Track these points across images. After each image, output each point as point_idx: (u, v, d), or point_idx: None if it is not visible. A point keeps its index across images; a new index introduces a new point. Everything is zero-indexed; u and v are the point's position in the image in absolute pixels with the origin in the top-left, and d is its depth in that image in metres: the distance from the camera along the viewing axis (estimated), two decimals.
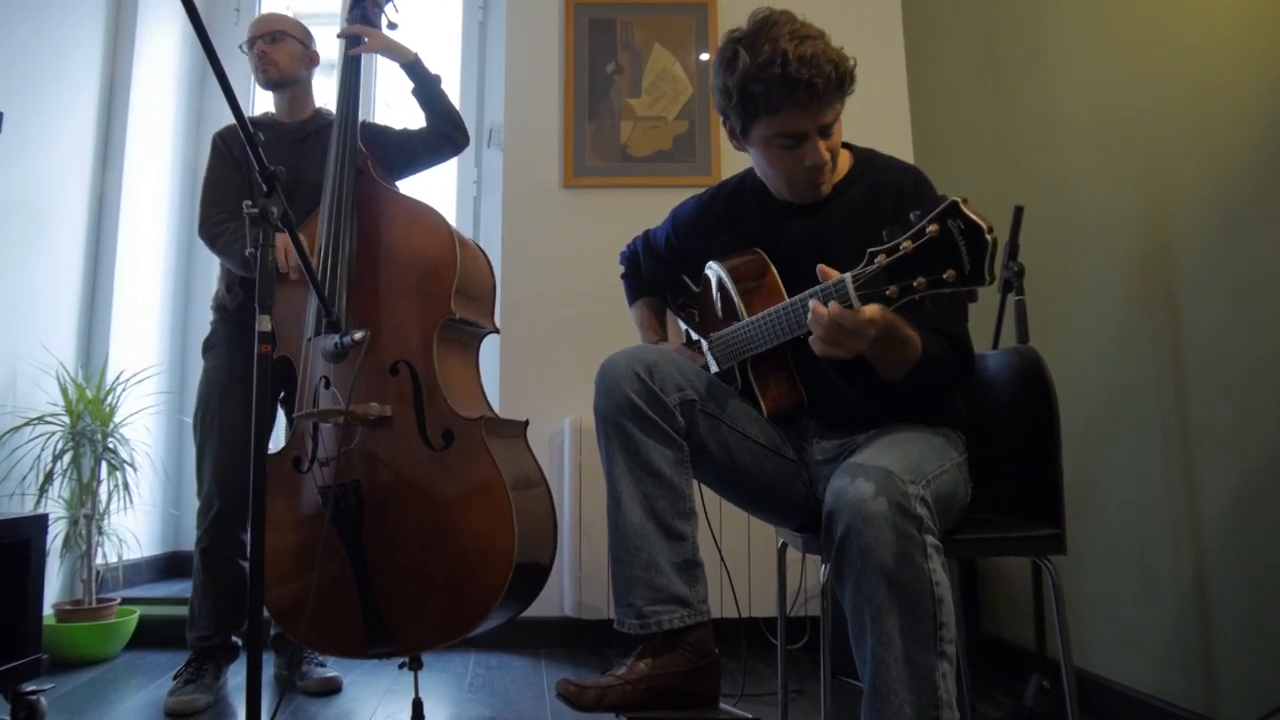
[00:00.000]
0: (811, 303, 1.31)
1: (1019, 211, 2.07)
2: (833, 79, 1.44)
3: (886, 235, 1.25)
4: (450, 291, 2.04)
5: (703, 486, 1.65)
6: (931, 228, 1.19)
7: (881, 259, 1.25)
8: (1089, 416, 2.09)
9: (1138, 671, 1.95)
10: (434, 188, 3.22)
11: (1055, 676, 2.00)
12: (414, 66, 2.32)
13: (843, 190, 1.60)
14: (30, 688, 1.88)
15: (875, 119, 3.05)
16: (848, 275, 1.29)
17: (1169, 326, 1.87)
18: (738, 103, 1.50)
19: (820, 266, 1.32)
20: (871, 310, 1.28)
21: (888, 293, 1.24)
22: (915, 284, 1.21)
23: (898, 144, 3.08)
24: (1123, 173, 2.02)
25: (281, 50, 2.31)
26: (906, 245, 1.22)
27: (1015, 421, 1.62)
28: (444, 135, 2.36)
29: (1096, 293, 2.11)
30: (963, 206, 1.17)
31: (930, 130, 3.06)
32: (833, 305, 1.28)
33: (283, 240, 2.01)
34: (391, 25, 2.41)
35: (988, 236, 1.15)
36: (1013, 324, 2.05)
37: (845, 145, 1.65)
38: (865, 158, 1.65)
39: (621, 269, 2.04)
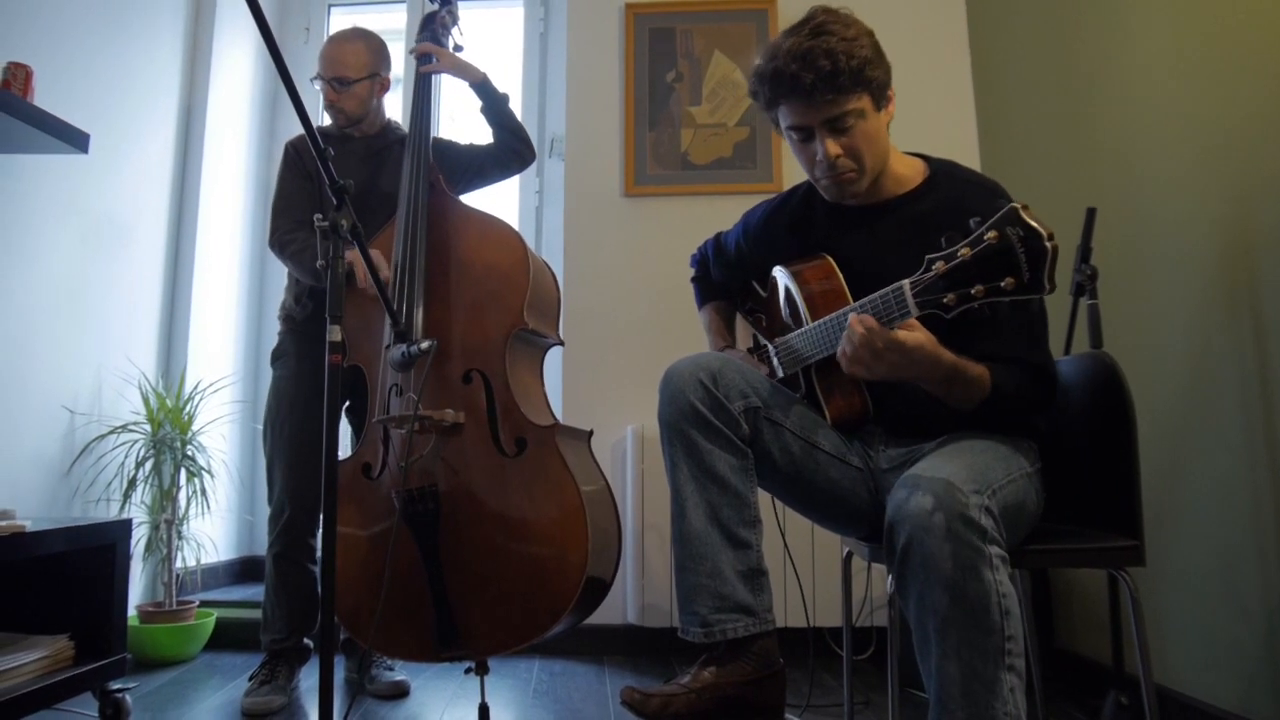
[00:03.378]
0: (850, 316, 1.34)
1: (1091, 213, 2.01)
2: (825, 73, 1.41)
3: (945, 242, 1.25)
4: (524, 303, 2.07)
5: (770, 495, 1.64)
6: (990, 235, 1.18)
7: (939, 265, 1.24)
8: (1167, 423, 2.02)
9: (1222, 689, 1.88)
10: (497, 198, 3.26)
11: (1134, 693, 1.93)
12: (484, 86, 2.38)
13: (911, 201, 1.57)
14: (116, 686, 1.96)
15: (938, 118, 3.02)
16: (905, 282, 1.29)
17: (1252, 329, 1.80)
18: (751, 93, 1.57)
19: None
20: (904, 335, 1.29)
21: (945, 300, 1.24)
22: (973, 291, 1.20)
23: (962, 145, 3.03)
24: (1203, 171, 1.95)
25: (349, 98, 2.33)
26: (964, 252, 1.21)
27: (1090, 429, 1.57)
28: (513, 151, 2.44)
29: (1174, 295, 2.04)
30: (1022, 213, 1.16)
31: (997, 129, 3.00)
32: (867, 319, 1.31)
33: (355, 257, 2.05)
34: (458, 47, 2.48)
35: (1047, 244, 1.13)
36: (1085, 329, 1.99)
37: (922, 156, 1.63)
38: (942, 170, 1.60)
39: (692, 271, 2.04)
